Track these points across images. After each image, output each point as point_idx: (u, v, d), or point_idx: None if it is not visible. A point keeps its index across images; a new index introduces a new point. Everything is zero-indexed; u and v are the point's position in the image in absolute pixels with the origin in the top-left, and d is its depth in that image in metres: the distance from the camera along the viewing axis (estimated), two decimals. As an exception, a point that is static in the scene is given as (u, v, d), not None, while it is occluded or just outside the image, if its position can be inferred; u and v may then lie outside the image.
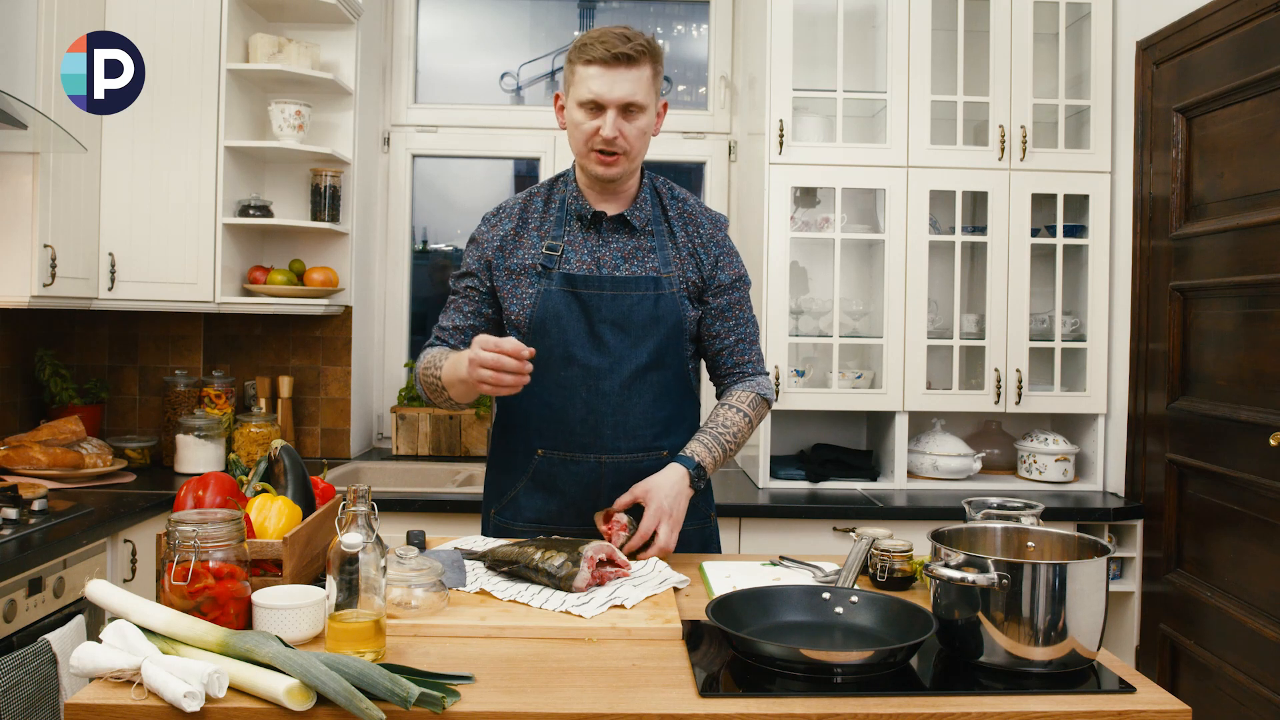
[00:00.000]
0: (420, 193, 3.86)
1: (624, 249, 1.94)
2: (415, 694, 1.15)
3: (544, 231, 1.96)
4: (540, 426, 1.95)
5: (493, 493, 2.07)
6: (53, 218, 2.73)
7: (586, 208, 1.95)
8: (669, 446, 1.97)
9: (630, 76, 1.82)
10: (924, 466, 3.22)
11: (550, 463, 1.96)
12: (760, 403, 2.00)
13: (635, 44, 1.82)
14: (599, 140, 1.84)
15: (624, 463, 1.94)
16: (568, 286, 1.91)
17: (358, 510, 1.33)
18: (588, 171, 1.92)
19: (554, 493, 1.97)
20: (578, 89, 1.85)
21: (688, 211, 2.01)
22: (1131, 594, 2.95)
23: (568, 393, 1.91)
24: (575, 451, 1.94)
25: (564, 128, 1.93)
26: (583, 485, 1.96)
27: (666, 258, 1.95)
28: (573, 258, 1.93)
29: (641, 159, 1.93)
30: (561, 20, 3.89)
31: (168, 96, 3.02)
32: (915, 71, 3.12)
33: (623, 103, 1.83)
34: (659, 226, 1.98)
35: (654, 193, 2.01)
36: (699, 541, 2.06)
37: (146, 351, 3.39)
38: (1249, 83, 2.47)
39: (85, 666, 1.24)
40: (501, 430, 2.05)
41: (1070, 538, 1.51)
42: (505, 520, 2.02)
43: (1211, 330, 2.67)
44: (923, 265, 3.13)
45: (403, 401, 3.62)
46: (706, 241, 1.99)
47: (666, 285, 1.93)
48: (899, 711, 1.21)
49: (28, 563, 2.10)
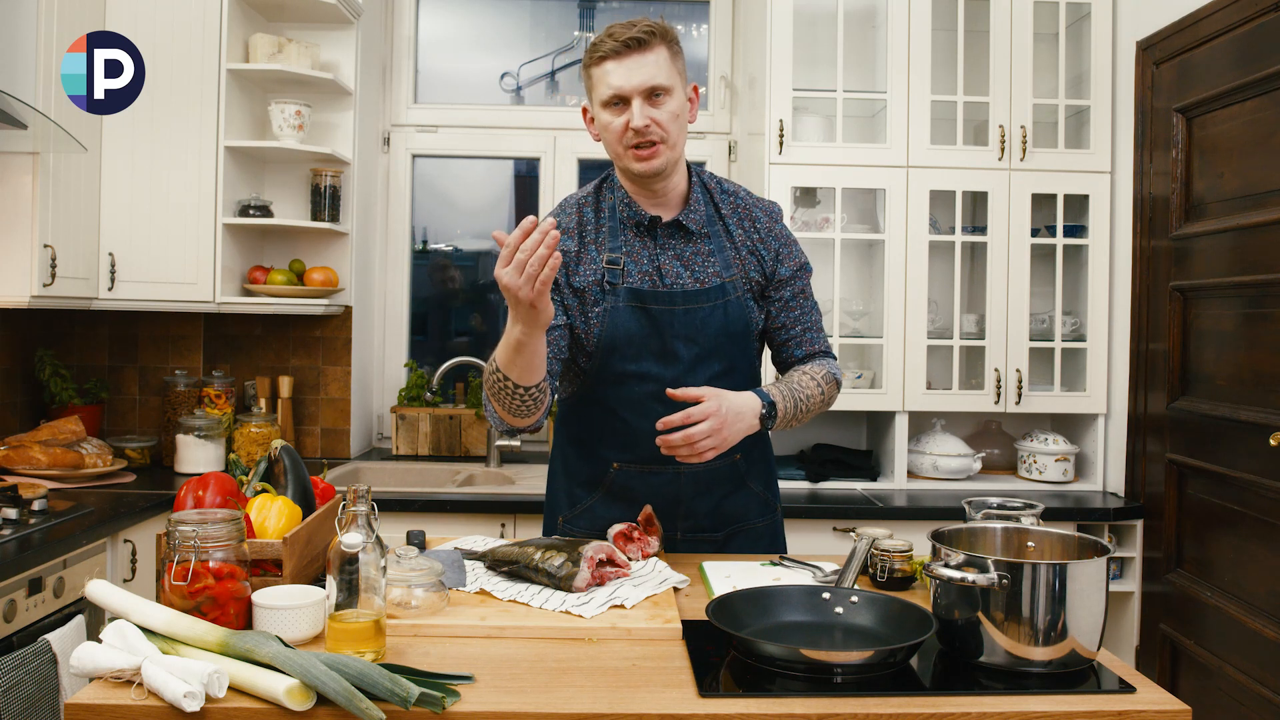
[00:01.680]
0: (420, 193, 3.86)
1: (682, 255, 1.88)
2: (415, 694, 1.15)
3: (600, 244, 1.88)
4: (615, 439, 1.92)
5: (563, 501, 2.02)
6: (53, 218, 2.73)
7: (642, 214, 1.87)
8: (744, 450, 1.94)
9: (646, 61, 1.75)
10: (924, 466, 3.22)
11: (628, 475, 1.92)
12: (831, 380, 1.90)
13: (642, 27, 1.76)
14: (630, 135, 1.77)
15: (702, 472, 1.91)
16: (636, 302, 1.84)
17: (358, 510, 1.33)
18: (630, 174, 1.84)
19: (632, 504, 1.93)
20: (598, 90, 1.80)
21: (741, 206, 1.94)
22: (1131, 594, 2.95)
23: (642, 407, 1.86)
24: (652, 464, 1.89)
25: (597, 139, 1.87)
26: (662, 496, 1.92)
27: (727, 260, 1.90)
28: (633, 270, 1.86)
29: (682, 147, 1.84)
30: (561, 20, 3.89)
31: (168, 96, 3.02)
32: (915, 71, 3.12)
33: (644, 88, 1.76)
34: (714, 227, 1.91)
35: (705, 190, 1.93)
36: (768, 536, 2.03)
37: (146, 351, 3.39)
38: (1249, 83, 2.47)
39: (85, 666, 1.24)
40: (572, 441, 2.00)
41: (1070, 538, 1.51)
42: (576, 528, 1.98)
43: (1211, 330, 2.67)
44: (923, 265, 3.13)
45: (403, 401, 3.62)
46: (766, 236, 1.93)
47: (732, 290, 1.88)
48: (899, 711, 1.21)
49: (28, 563, 2.10)
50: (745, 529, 2.01)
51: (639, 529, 1.84)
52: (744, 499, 1.99)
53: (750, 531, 2.01)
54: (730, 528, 1.99)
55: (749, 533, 2.01)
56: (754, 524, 2.01)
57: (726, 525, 1.98)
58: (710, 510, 1.95)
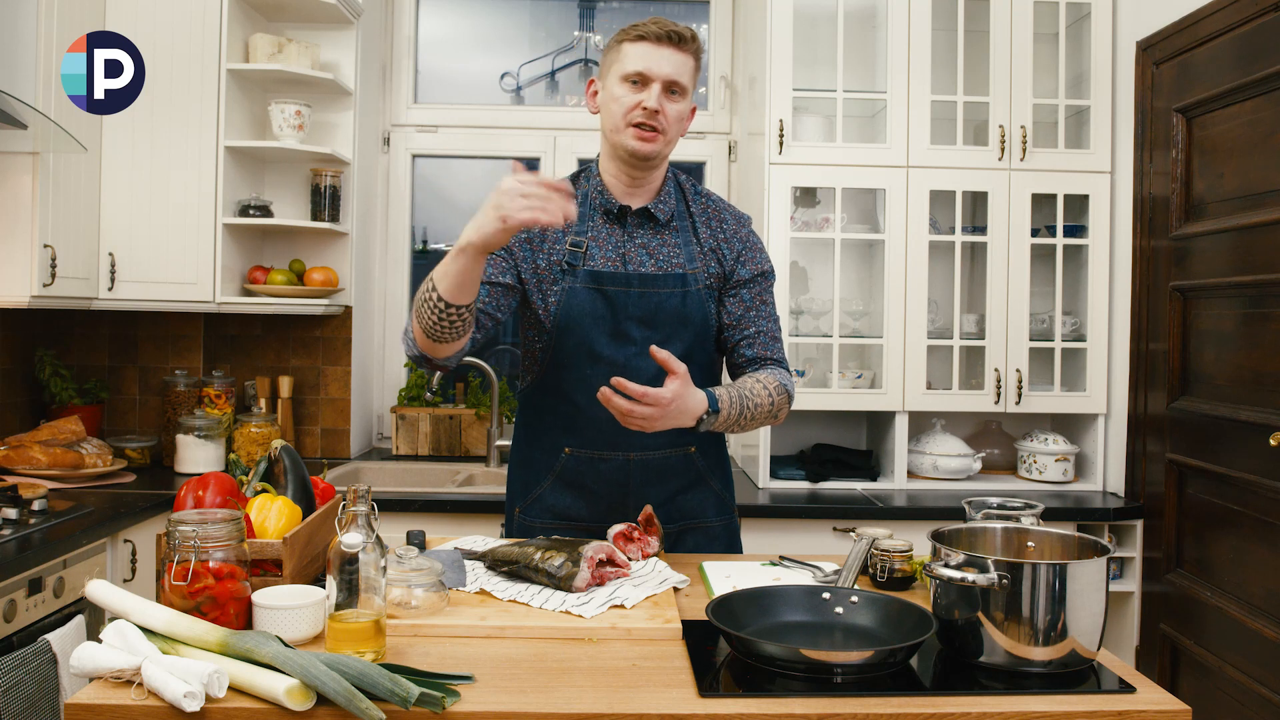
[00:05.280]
0: (420, 193, 3.86)
1: (649, 244, 1.93)
2: (415, 694, 1.15)
3: (568, 227, 1.93)
4: (567, 425, 1.94)
5: (517, 490, 2.04)
6: (53, 218, 2.73)
7: (613, 202, 1.92)
8: (696, 442, 1.97)
9: (678, 58, 1.83)
10: (924, 466, 3.22)
11: (578, 460, 1.94)
12: (783, 391, 1.89)
13: (685, 30, 1.85)
14: (639, 113, 1.82)
15: (652, 459, 1.93)
16: (593, 284, 1.89)
17: (358, 510, 1.33)
18: (621, 149, 1.87)
19: (582, 490, 1.96)
20: (622, 64, 1.84)
21: (711, 208, 2.00)
22: (1131, 594, 2.95)
23: (594, 390, 1.84)
24: (603, 449, 1.92)
25: (595, 112, 1.92)
26: (611, 483, 1.94)
27: (690, 254, 1.94)
28: (597, 254, 1.91)
29: (673, 148, 1.92)
30: (561, 20, 3.89)
31: (168, 96, 3.02)
32: (915, 71, 3.12)
33: (669, 80, 1.82)
34: (683, 222, 1.97)
35: (678, 188, 2.00)
36: (725, 538, 2.05)
37: (146, 351, 3.39)
38: (1249, 83, 2.47)
39: (85, 666, 1.24)
40: (525, 429, 2.03)
41: (1070, 538, 1.51)
42: (531, 518, 2.00)
43: (1211, 330, 2.67)
44: (923, 265, 3.13)
45: (403, 401, 3.62)
46: (730, 237, 1.97)
47: (693, 282, 1.92)
48: (899, 711, 1.21)
49: (28, 563, 2.10)
50: (699, 526, 2.02)
51: (639, 529, 1.84)
52: (701, 496, 2.01)
53: (705, 530, 2.02)
54: (683, 522, 2.00)
55: (704, 531, 2.02)
56: (709, 522, 2.03)
57: (679, 520, 1.99)
58: (663, 502, 1.95)
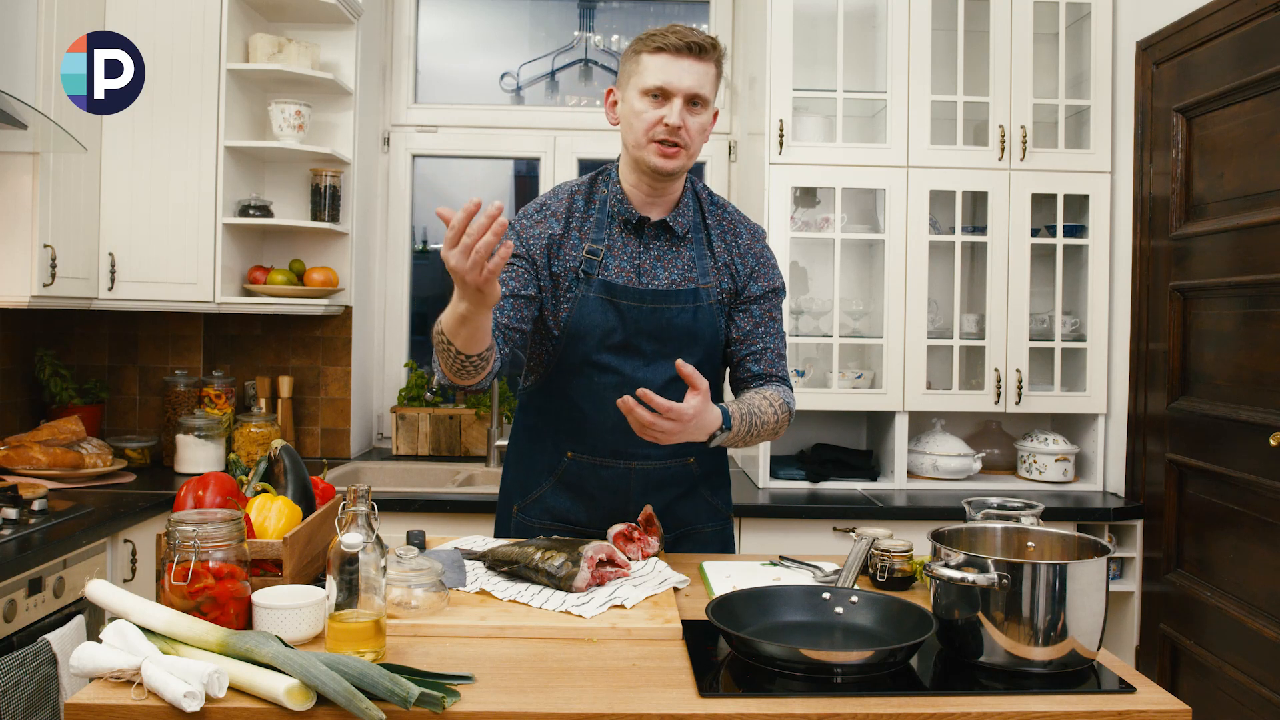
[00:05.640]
0: (420, 193, 3.86)
1: (664, 257, 1.91)
2: (415, 694, 1.16)
3: (584, 234, 1.90)
4: (570, 429, 1.93)
5: (515, 489, 2.03)
6: (53, 218, 2.73)
7: (632, 212, 1.89)
8: (698, 454, 1.96)
9: (699, 69, 1.80)
10: (924, 466, 3.22)
11: (579, 466, 1.94)
12: (786, 409, 1.89)
13: (706, 38, 1.82)
14: (661, 130, 1.79)
15: (653, 470, 1.93)
16: (606, 295, 1.87)
17: (358, 510, 1.33)
18: (644, 165, 1.84)
19: (582, 495, 1.96)
20: (642, 77, 1.81)
21: (727, 220, 1.98)
22: (1131, 594, 2.95)
23: (601, 399, 1.87)
24: (605, 457, 1.92)
25: (615, 124, 1.89)
26: (611, 490, 1.94)
27: (704, 268, 1.92)
28: (612, 264, 1.88)
29: (695, 159, 1.89)
30: (561, 20, 3.89)
31: (168, 96, 3.02)
32: (915, 71, 3.12)
33: (690, 93, 1.79)
34: (698, 235, 1.95)
35: (695, 199, 1.97)
36: (719, 542, 2.06)
37: (146, 351, 3.39)
38: (1249, 83, 2.47)
39: (85, 666, 1.24)
40: (527, 430, 2.02)
41: (1070, 538, 1.51)
42: (530, 518, 2.00)
43: (1211, 330, 2.67)
44: (923, 265, 3.13)
45: (403, 401, 3.62)
46: (744, 252, 1.96)
47: (705, 297, 1.90)
48: (899, 711, 1.21)
49: (28, 563, 2.10)
50: (694, 532, 2.03)
51: (639, 529, 1.84)
52: (694, 504, 2.02)
53: (699, 536, 2.04)
54: (679, 530, 2.02)
55: (698, 537, 2.04)
56: (703, 528, 2.04)
57: (676, 527, 2.01)
58: (661, 510, 1.96)
